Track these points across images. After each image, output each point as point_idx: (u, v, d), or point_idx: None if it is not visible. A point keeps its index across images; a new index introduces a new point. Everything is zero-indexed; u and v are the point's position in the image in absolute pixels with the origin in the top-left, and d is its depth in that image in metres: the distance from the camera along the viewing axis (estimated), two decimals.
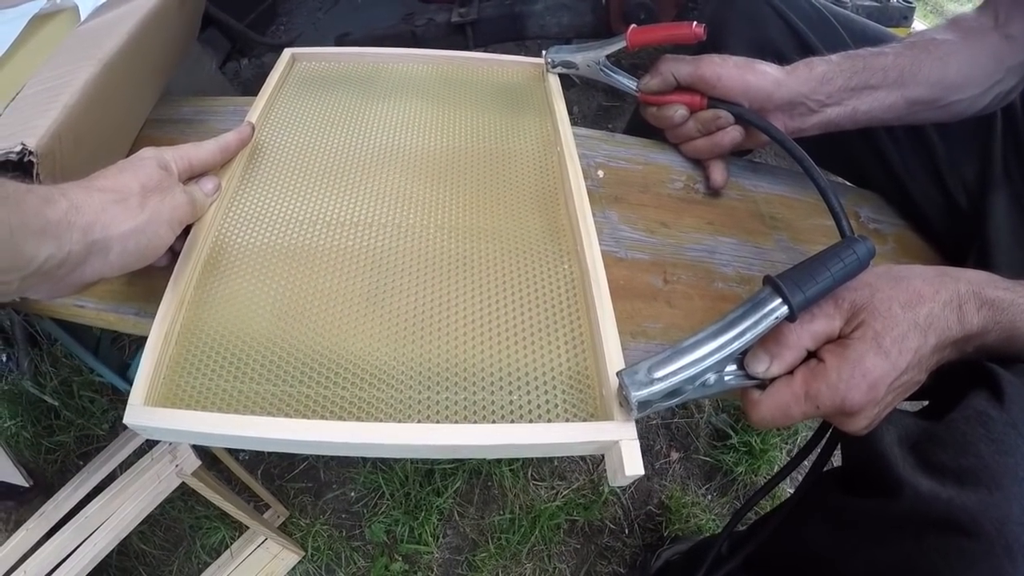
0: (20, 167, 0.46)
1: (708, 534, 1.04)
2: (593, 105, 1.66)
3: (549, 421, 0.45)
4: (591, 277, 0.51)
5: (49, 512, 0.80)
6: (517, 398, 0.46)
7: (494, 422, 0.45)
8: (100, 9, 0.67)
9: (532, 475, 1.10)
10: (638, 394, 0.41)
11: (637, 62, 1.54)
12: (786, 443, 1.18)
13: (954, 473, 0.42)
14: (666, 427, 1.19)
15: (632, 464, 0.42)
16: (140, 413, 0.43)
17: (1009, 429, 0.43)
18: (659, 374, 0.41)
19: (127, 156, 0.63)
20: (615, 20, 1.24)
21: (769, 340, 0.45)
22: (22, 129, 0.48)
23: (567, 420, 0.45)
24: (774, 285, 0.43)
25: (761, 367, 0.45)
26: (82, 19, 0.67)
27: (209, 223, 0.54)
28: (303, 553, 1.00)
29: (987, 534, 0.39)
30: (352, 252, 0.55)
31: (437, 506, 1.04)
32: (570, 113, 0.70)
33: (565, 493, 1.08)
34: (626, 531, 1.07)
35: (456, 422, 0.44)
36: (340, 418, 0.44)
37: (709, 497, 1.13)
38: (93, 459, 0.84)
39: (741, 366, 0.46)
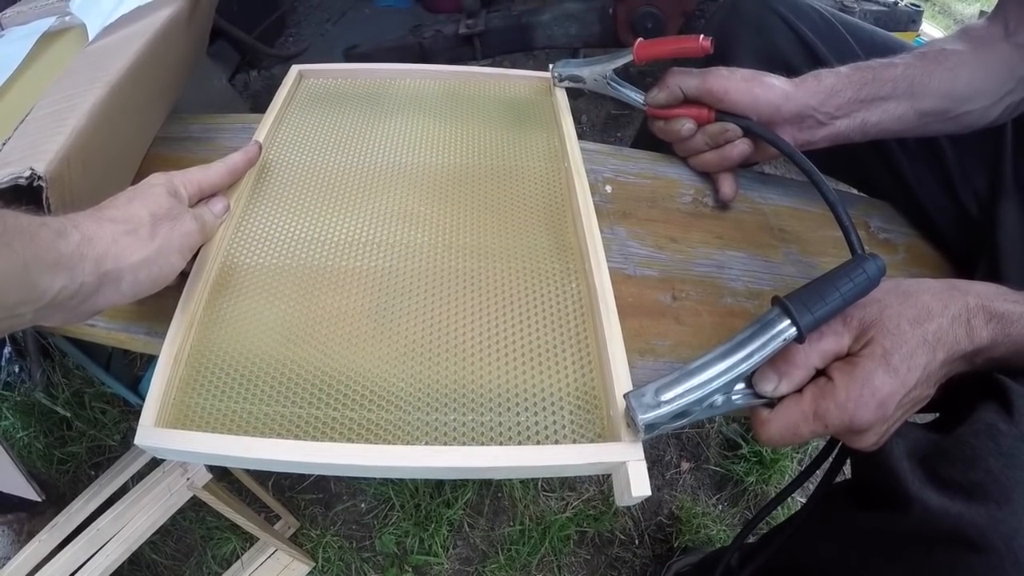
0: (30, 192, 0.47)
1: (719, 545, 1.04)
2: (602, 114, 1.66)
3: (556, 442, 0.45)
4: (599, 297, 0.51)
5: (61, 524, 0.80)
6: (525, 419, 0.46)
7: (501, 444, 0.45)
8: (109, 28, 0.68)
9: (542, 486, 1.10)
10: (645, 417, 0.40)
11: (645, 70, 1.54)
12: (797, 453, 1.18)
13: (963, 488, 0.42)
14: (676, 437, 1.19)
15: (639, 485, 0.42)
16: (151, 434, 0.43)
17: (1018, 443, 0.42)
18: (666, 396, 0.41)
19: (136, 176, 0.65)
20: (622, 30, 1.24)
21: (777, 359, 0.44)
22: (31, 153, 0.48)
23: (574, 441, 0.45)
24: (783, 306, 0.42)
25: (769, 387, 0.45)
26: (90, 38, 0.68)
27: (218, 244, 0.54)
28: (313, 564, 1.00)
29: (996, 549, 0.39)
30: (359, 272, 0.55)
31: (447, 517, 1.04)
32: (578, 122, 0.70)
33: (575, 504, 1.08)
34: (636, 542, 1.07)
35: (464, 444, 0.44)
36: (349, 440, 0.44)
37: (720, 507, 1.12)
38: (105, 471, 0.84)
39: (749, 385, 0.46)
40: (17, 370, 1.12)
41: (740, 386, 0.45)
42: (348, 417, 0.46)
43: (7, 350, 1.10)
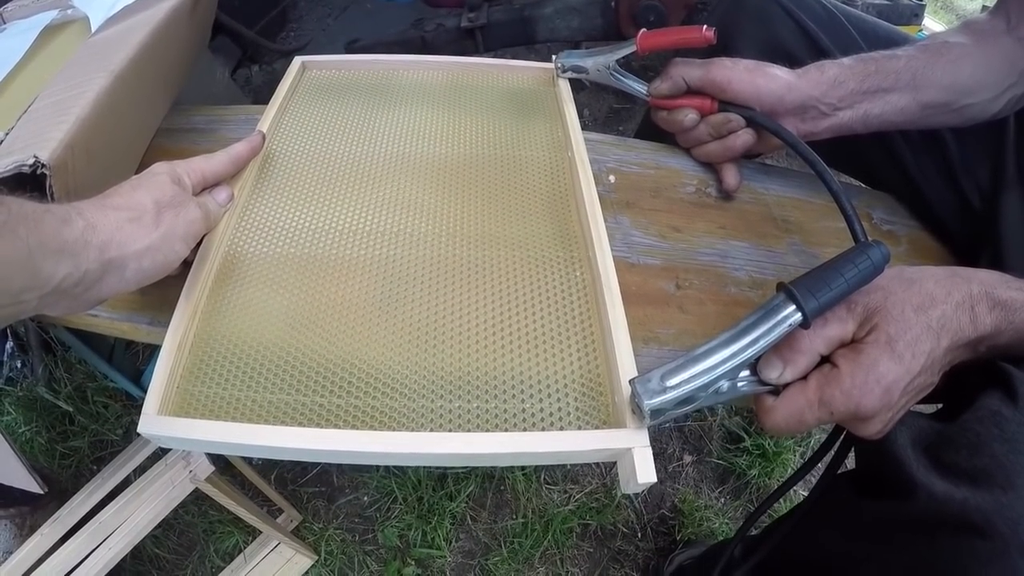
0: (34, 180, 0.47)
1: (721, 538, 1.03)
2: (604, 107, 1.65)
3: (561, 429, 0.45)
4: (603, 284, 0.51)
5: (64, 517, 0.80)
6: (529, 406, 0.46)
7: (506, 430, 0.45)
8: (111, 20, 0.68)
9: (545, 479, 1.10)
10: (651, 402, 0.40)
11: (648, 63, 1.54)
12: (800, 445, 1.18)
13: (968, 474, 0.42)
14: (679, 430, 1.19)
15: (644, 472, 0.42)
16: (154, 422, 0.43)
17: (1022, 428, 0.42)
18: (672, 382, 0.41)
19: (139, 166, 0.65)
20: (625, 23, 1.23)
21: (782, 346, 0.44)
22: (35, 142, 0.48)
23: (579, 428, 0.45)
24: (788, 292, 0.42)
25: (774, 373, 0.45)
26: (93, 30, 0.68)
27: (221, 233, 0.55)
28: (316, 557, 1.00)
29: (1001, 534, 0.39)
30: (364, 261, 0.55)
31: (450, 510, 1.04)
32: (581, 116, 0.70)
33: (578, 497, 1.08)
34: (639, 535, 1.07)
35: (469, 431, 0.44)
36: (353, 427, 0.44)
37: (722, 500, 1.12)
38: (107, 464, 0.84)
39: (754, 372, 0.46)
40: (19, 365, 1.12)
41: (745, 373, 0.45)
42: (352, 404, 0.46)
43: (9, 345, 1.10)
